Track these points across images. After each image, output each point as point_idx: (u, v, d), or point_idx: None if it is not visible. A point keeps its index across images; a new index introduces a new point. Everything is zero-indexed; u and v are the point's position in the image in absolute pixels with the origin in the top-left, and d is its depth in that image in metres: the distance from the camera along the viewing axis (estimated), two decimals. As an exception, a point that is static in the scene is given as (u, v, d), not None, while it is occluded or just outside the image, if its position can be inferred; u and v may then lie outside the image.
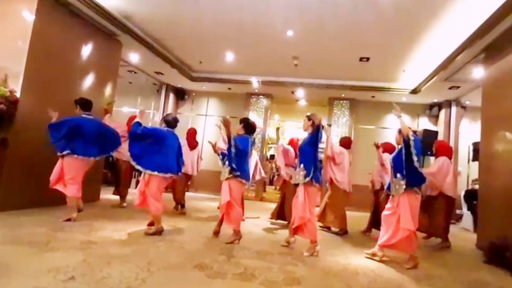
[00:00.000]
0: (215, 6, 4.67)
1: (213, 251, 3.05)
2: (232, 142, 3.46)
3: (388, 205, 3.38)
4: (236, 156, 3.46)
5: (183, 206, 5.33)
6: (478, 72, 5.39)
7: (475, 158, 6.90)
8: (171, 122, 3.83)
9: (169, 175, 3.61)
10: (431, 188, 4.30)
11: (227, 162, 3.54)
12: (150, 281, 2.18)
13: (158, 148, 3.55)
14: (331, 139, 4.63)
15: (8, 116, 3.75)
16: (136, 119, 3.58)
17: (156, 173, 3.49)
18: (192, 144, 5.38)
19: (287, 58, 6.39)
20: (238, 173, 3.50)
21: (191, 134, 5.49)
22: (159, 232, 3.51)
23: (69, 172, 3.72)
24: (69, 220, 3.66)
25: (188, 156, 5.06)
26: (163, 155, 3.56)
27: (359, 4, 4.25)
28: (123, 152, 4.65)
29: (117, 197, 5.43)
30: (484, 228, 4.35)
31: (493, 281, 2.99)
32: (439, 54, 5.41)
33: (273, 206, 7.06)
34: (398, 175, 3.23)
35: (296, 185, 3.51)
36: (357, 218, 6.40)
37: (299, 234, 3.45)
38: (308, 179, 3.32)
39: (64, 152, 3.68)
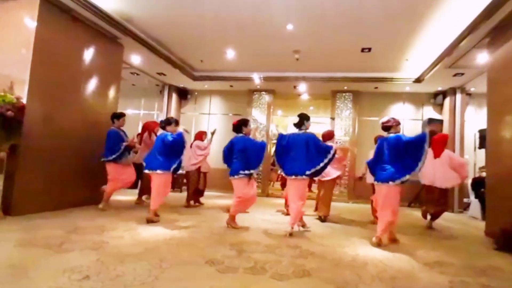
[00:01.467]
0: (214, 4, 4.67)
1: (223, 247, 3.09)
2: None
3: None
4: None
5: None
6: (483, 57, 5.31)
7: (482, 145, 6.84)
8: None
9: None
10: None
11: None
12: (162, 278, 2.22)
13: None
14: None
15: (16, 122, 3.82)
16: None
17: None
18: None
19: (288, 53, 6.37)
20: None
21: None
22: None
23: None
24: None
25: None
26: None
27: (359, -5, 4.22)
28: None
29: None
30: (493, 215, 4.33)
31: (505, 266, 2.98)
32: (443, 40, 5.35)
33: (281, 201, 7.11)
34: None
35: None
36: (364, 210, 6.41)
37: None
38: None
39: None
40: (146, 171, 4.21)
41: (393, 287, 2.31)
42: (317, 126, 12.89)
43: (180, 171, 4.97)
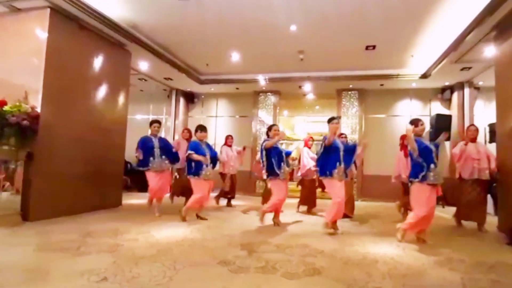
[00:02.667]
0: (218, 8, 4.75)
1: (234, 248, 3.14)
2: None
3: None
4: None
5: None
6: (490, 50, 5.25)
7: (492, 139, 6.73)
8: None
9: None
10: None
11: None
12: (177, 278, 2.29)
13: None
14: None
15: (31, 131, 3.96)
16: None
17: None
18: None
19: (292, 53, 6.41)
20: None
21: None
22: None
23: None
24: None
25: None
26: None
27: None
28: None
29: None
30: (505, 210, 4.27)
31: (516, 262, 2.96)
32: (448, 35, 5.30)
33: (290, 201, 7.12)
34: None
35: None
36: (373, 208, 6.40)
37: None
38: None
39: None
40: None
41: (403, 285, 2.33)
42: (324, 125, 12.90)
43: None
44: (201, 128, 4.65)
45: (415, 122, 3.71)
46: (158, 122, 5.01)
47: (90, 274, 2.31)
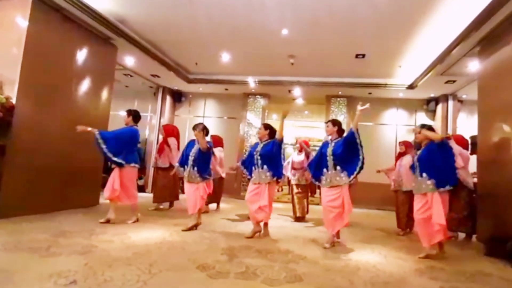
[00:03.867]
0: (209, 7, 4.68)
1: (215, 252, 3.05)
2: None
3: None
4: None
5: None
6: (474, 65, 5.41)
7: (473, 151, 6.92)
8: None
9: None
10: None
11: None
12: (151, 283, 2.17)
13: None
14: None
15: (5, 123, 3.75)
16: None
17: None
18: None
19: (283, 57, 6.40)
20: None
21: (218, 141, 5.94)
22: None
23: (130, 181, 4.15)
24: (107, 221, 3.98)
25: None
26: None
27: (352, 1, 4.26)
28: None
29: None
30: (484, 221, 4.37)
31: (494, 272, 3.00)
32: (435, 48, 5.43)
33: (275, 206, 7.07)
34: (425, 174, 3.34)
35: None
36: (358, 215, 6.42)
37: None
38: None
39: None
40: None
41: (384, 293, 2.31)
42: (312, 131, 12.98)
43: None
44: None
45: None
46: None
47: (59, 276, 2.17)
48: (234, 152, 8.55)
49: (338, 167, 3.59)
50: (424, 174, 3.35)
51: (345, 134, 3.74)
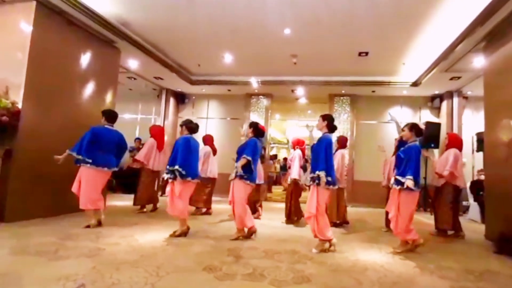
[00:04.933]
0: (211, 8, 4.68)
1: (221, 253, 3.04)
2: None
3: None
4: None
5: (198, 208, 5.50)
6: (479, 61, 5.35)
7: (479, 148, 6.85)
8: (195, 129, 3.97)
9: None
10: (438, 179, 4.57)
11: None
12: (159, 286, 2.18)
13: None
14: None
15: (11, 127, 3.78)
16: None
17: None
18: (214, 150, 5.74)
19: (285, 57, 6.38)
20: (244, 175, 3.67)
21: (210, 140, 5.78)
22: (184, 233, 3.69)
23: (86, 182, 3.78)
24: (88, 226, 3.80)
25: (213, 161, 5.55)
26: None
27: (355, -1, 4.24)
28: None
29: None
30: (492, 219, 4.32)
31: (503, 270, 2.96)
32: (439, 44, 5.38)
33: (279, 206, 7.07)
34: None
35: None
36: (363, 214, 6.39)
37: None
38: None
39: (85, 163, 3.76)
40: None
41: (393, 293, 2.28)
42: (314, 130, 12.92)
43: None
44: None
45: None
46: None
47: (67, 280, 2.18)
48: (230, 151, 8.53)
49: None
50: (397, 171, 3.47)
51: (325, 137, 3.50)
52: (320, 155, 3.33)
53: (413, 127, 3.52)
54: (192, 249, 3.14)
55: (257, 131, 3.88)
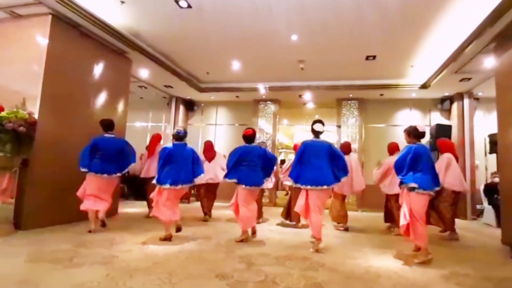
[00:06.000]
0: (219, 17, 4.76)
1: (232, 260, 3.05)
2: None
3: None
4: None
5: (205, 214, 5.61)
6: (490, 62, 5.26)
7: (492, 150, 6.69)
8: (181, 136, 4.09)
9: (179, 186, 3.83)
10: None
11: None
12: (173, 293, 2.19)
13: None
14: None
15: (28, 137, 3.90)
16: None
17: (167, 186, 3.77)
18: (209, 156, 5.73)
19: (292, 63, 6.42)
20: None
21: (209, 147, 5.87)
22: (169, 238, 3.78)
23: (87, 188, 4.09)
24: (89, 231, 3.98)
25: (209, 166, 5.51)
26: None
27: (361, 2, 4.24)
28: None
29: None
30: (509, 223, 4.19)
31: (523, 277, 2.88)
32: (448, 46, 5.32)
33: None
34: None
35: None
36: (374, 219, 6.30)
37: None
38: None
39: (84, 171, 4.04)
40: None
41: (408, 301, 2.24)
42: (322, 135, 12.88)
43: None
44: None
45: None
46: None
47: (82, 287, 2.22)
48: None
49: None
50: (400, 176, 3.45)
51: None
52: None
53: (407, 131, 3.62)
54: (204, 256, 3.16)
55: (244, 136, 4.27)
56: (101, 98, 5.28)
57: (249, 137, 4.25)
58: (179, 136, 4.06)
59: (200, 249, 3.45)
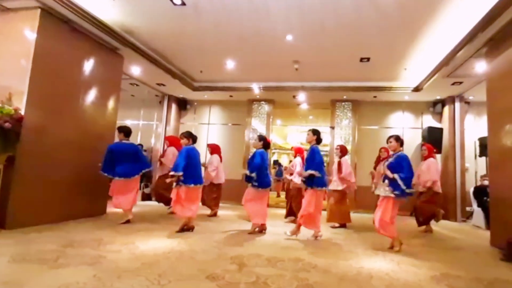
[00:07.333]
0: (214, 15, 4.71)
1: (224, 261, 3.00)
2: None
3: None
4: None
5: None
6: (481, 66, 5.34)
7: (482, 153, 6.81)
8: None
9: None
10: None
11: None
12: (162, 294, 2.14)
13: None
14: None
15: (14, 134, 3.77)
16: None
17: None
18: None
19: (287, 63, 6.41)
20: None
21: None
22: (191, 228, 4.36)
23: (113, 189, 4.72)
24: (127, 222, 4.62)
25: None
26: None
27: (358, 4, 4.26)
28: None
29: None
30: (498, 225, 4.26)
31: (512, 279, 2.90)
32: (441, 50, 5.38)
33: (280, 212, 7.02)
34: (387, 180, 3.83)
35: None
36: (366, 220, 6.32)
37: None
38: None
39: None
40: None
41: (400, 302, 2.23)
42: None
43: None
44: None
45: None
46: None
47: (67, 288, 2.14)
48: (239, 158, 8.54)
49: None
50: (386, 180, 3.83)
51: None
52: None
53: (398, 138, 3.99)
54: (194, 257, 3.10)
55: (265, 143, 4.71)
56: (91, 95, 5.17)
57: (269, 144, 4.87)
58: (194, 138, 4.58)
59: (190, 249, 3.39)
